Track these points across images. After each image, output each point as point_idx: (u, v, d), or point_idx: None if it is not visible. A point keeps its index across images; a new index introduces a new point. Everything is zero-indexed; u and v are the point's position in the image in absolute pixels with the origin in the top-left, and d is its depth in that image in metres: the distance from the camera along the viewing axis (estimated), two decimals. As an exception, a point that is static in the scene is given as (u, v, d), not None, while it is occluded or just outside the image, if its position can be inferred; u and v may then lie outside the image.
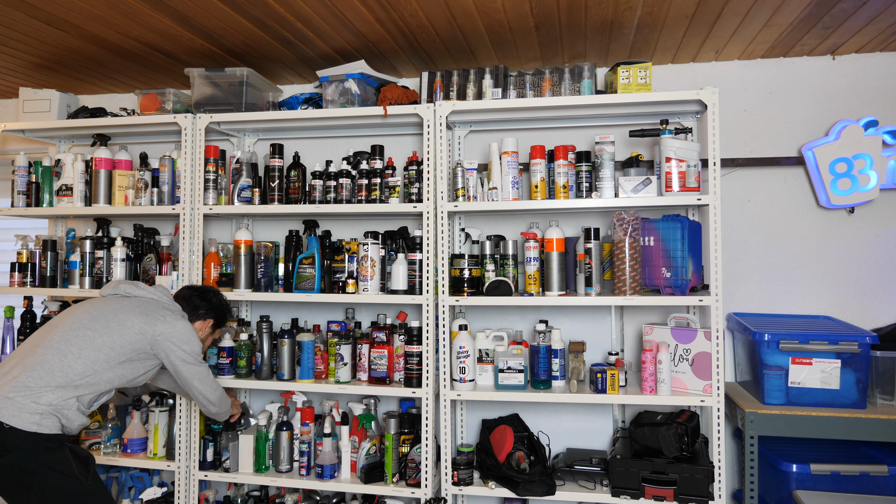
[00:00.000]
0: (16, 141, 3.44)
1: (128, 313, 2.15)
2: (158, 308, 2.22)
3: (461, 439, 2.80)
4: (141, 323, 2.13)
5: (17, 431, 1.89)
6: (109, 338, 2.08)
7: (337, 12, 2.31)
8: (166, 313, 2.20)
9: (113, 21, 2.41)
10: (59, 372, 1.99)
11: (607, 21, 2.38)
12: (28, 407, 1.91)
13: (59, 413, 1.96)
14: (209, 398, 2.28)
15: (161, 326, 2.15)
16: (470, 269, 2.50)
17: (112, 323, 2.11)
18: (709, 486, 2.25)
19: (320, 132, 3.00)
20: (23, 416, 1.90)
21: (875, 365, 2.38)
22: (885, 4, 2.22)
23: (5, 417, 1.89)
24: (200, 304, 2.35)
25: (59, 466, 1.93)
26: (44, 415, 1.93)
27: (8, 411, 1.90)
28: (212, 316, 2.38)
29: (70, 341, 2.04)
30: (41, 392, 1.94)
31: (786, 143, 2.73)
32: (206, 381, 2.26)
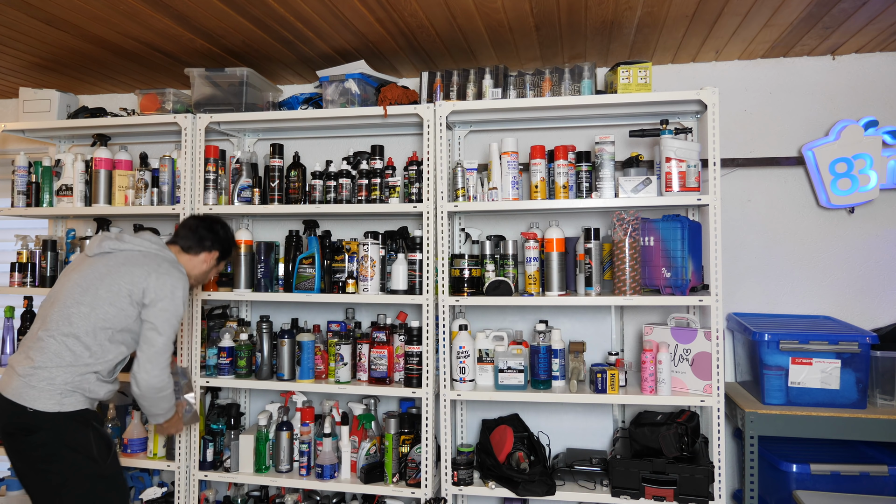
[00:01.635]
0: (16, 141, 3.44)
1: (116, 273, 2.09)
2: (148, 261, 2.13)
3: (461, 439, 2.80)
4: (129, 284, 2.08)
5: (40, 413, 1.94)
6: (103, 310, 2.04)
7: (337, 12, 2.31)
8: (156, 265, 2.13)
9: (113, 21, 2.41)
10: (65, 353, 2.00)
11: (607, 21, 2.38)
12: (46, 389, 1.96)
13: (79, 388, 1.99)
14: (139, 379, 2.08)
15: (151, 280, 2.09)
16: (470, 269, 2.50)
17: (101, 290, 2.06)
18: (709, 486, 2.25)
19: (320, 132, 3.00)
20: (43, 399, 1.95)
21: (875, 365, 2.38)
22: (885, 4, 2.22)
23: (27, 401, 1.95)
24: (206, 236, 2.31)
25: (80, 447, 1.97)
26: (63, 393, 1.97)
27: (30, 395, 1.95)
28: (217, 248, 2.34)
29: (69, 321, 2.03)
30: (54, 373, 1.97)
31: (786, 143, 2.73)
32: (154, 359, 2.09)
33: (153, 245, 2.21)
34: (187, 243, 2.30)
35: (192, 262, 2.31)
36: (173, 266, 2.18)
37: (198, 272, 2.34)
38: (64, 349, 2.00)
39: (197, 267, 2.32)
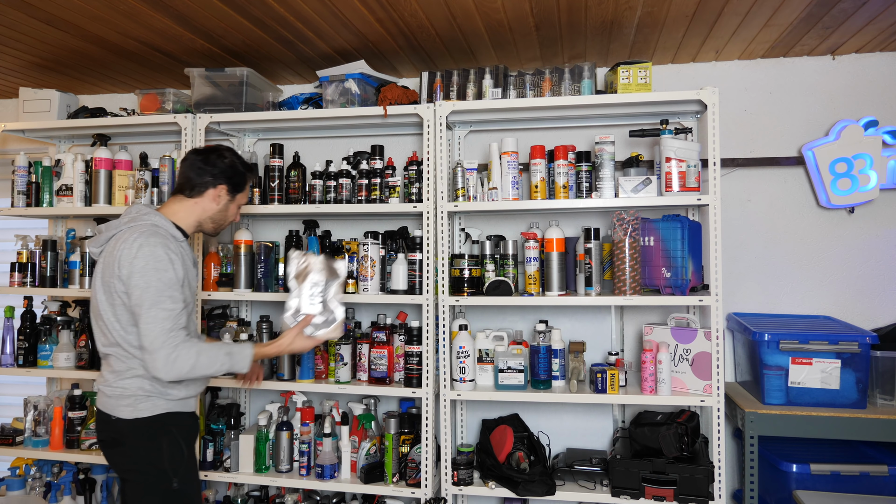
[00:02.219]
0: (16, 141, 3.44)
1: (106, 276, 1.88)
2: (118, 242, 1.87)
3: (461, 439, 2.80)
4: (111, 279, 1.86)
5: (122, 421, 1.88)
6: (117, 312, 1.87)
7: (337, 12, 2.31)
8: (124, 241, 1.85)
9: (113, 21, 2.41)
10: (117, 363, 1.91)
11: (607, 21, 2.38)
12: (120, 397, 1.89)
13: (153, 392, 1.89)
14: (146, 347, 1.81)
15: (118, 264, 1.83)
16: (470, 269, 2.50)
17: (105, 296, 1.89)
18: (709, 486, 2.25)
19: (320, 132, 3.00)
20: (121, 407, 1.89)
21: (875, 365, 2.38)
22: (885, 4, 2.22)
23: (110, 409, 1.90)
24: (205, 171, 2.01)
25: (151, 456, 1.89)
26: (137, 397, 1.88)
27: (111, 403, 1.90)
28: (222, 180, 2.03)
29: (105, 333, 1.91)
30: (124, 382, 1.89)
31: (786, 143, 2.73)
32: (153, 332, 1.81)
33: (123, 220, 1.95)
34: (188, 185, 2.02)
35: (199, 206, 2.03)
36: (136, 236, 1.85)
37: (211, 213, 2.05)
38: (115, 360, 1.91)
39: (208, 209, 2.04)
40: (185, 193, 2.03)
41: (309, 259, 2.03)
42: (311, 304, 2.03)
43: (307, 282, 2.00)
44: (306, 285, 2.01)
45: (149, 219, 1.92)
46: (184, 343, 1.83)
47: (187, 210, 2.02)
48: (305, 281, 2.00)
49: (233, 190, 2.08)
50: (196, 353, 1.84)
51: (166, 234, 1.92)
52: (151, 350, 1.81)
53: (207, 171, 2.02)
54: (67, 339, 2.83)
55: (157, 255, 1.83)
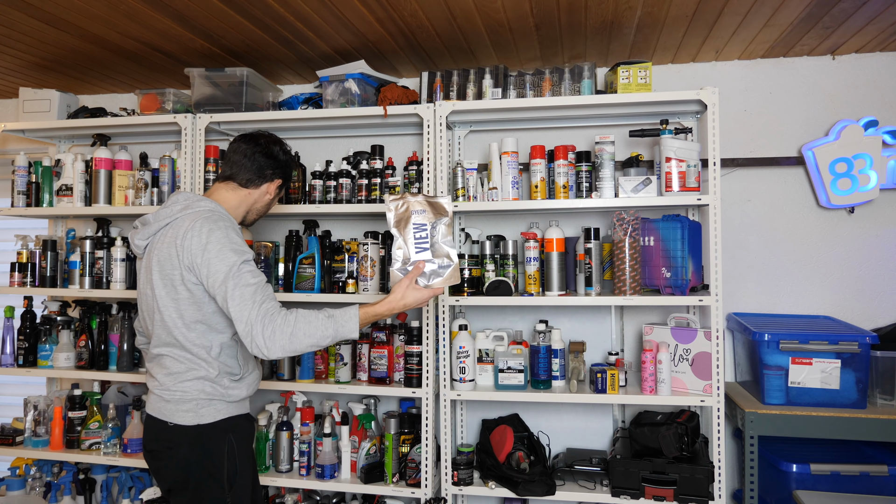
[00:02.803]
0: (16, 141, 3.44)
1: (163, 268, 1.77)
2: (177, 231, 1.76)
3: (461, 439, 2.80)
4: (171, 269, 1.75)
5: (180, 428, 1.75)
6: (178, 302, 1.76)
7: (337, 12, 2.31)
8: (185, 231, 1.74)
9: (113, 21, 2.41)
10: (174, 364, 1.78)
11: (607, 21, 2.38)
12: (180, 402, 1.76)
13: (215, 396, 1.77)
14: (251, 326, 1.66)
15: (185, 254, 1.73)
16: (470, 269, 2.50)
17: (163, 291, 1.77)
18: (709, 486, 2.25)
19: (320, 132, 3.00)
20: (180, 413, 1.76)
21: (875, 365, 2.38)
22: (885, 4, 2.22)
23: (167, 416, 1.77)
24: (266, 164, 1.92)
25: (211, 466, 1.76)
26: (198, 402, 1.76)
27: (168, 410, 1.77)
28: (279, 175, 1.97)
29: (166, 331, 1.79)
30: (183, 386, 1.77)
31: (786, 143, 2.73)
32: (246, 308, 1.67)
33: (174, 209, 1.83)
34: (246, 176, 1.92)
35: (252, 196, 1.95)
36: (206, 220, 1.76)
37: (261, 205, 1.99)
38: (174, 363, 1.78)
39: (259, 200, 1.97)
40: (239, 182, 1.92)
41: (408, 199, 1.83)
42: (420, 250, 1.80)
43: (409, 226, 1.79)
44: (410, 231, 1.80)
45: (205, 205, 1.82)
46: (279, 313, 1.68)
47: (239, 199, 1.93)
48: (408, 226, 1.80)
49: (284, 184, 2.03)
50: (293, 320, 1.68)
51: (228, 217, 1.83)
52: (249, 329, 1.66)
53: (269, 164, 1.94)
54: (67, 339, 2.83)
55: (230, 237, 1.74)
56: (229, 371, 1.81)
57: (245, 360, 1.88)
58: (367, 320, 1.78)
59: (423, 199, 1.84)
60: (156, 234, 1.83)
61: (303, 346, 1.69)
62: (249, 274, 1.71)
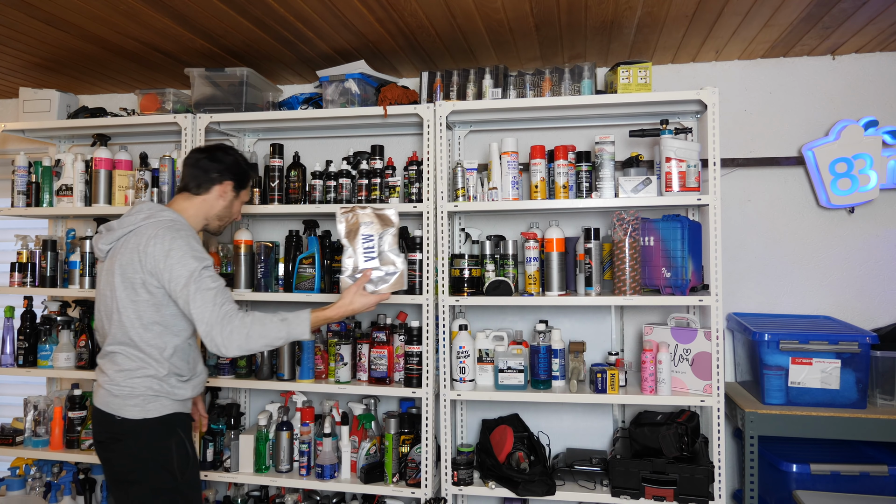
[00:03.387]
0: (16, 141, 3.44)
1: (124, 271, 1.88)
2: (140, 238, 1.88)
3: (461, 439, 2.80)
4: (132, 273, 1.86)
5: (128, 421, 1.86)
6: (136, 308, 1.87)
7: (337, 12, 2.31)
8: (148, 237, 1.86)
9: (113, 21, 2.41)
10: (126, 361, 1.88)
11: (607, 21, 2.38)
12: (128, 396, 1.87)
13: (162, 393, 1.89)
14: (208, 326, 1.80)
15: (151, 258, 1.84)
16: (470, 269, 2.50)
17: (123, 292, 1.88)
18: (709, 486, 2.25)
19: (320, 132, 3.00)
20: (128, 407, 1.86)
21: (875, 365, 2.38)
22: (885, 4, 2.22)
23: (115, 409, 1.87)
24: (211, 168, 2.03)
25: (159, 458, 1.87)
26: (146, 398, 1.87)
27: (116, 404, 1.87)
28: (229, 177, 2.06)
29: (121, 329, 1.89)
30: (132, 382, 1.87)
31: (786, 143, 2.73)
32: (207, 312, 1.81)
33: (137, 217, 1.94)
34: (194, 183, 2.03)
35: (206, 203, 2.05)
36: (164, 230, 1.88)
37: (218, 210, 2.07)
38: (125, 360, 1.88)
39: (214, 206, 2.06)
40: (191, 191, 2.04)
41: (357, 212, 1.95)
42: (368, 259, 1.93)
43: (359, 237, 1.93)
44: (359, 241, 1.93)
45: (167, 215, 1.95)
46: (236, 315, 1.82)
47: (196, 207, 2.04)
48: (357, 237, 1.93)
49: (238, 186, 2.10)
50: (249, 322, 1.83)
51: (188, 227, 1.96)
52: (209, 329, 1.80)
53: (214, 167, 2.04)
54: (67, 339, 2.83)
55: (191, 244, 1.88)
56: (178, 372, 1.94)
57: (194, 363, 2.01)
58: (317, 323, 1.92)
59: (372, 212, 1.96)
60: (119, 240, 1.95)
61: (258, 346, 1.84)
62: (210, 279, 1.85)
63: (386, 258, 1.94)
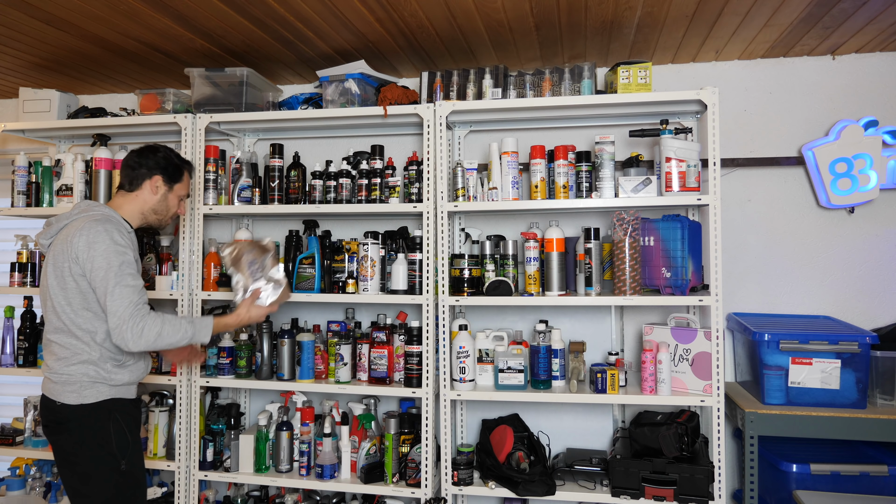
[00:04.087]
0: (16, 141, 3.44)
1: (56, 261, 2.01)
2: (69, 231, 2.01)
3: (461, 439, 2.80)
4: (63, 261, 1.99)
5: (66, 406, 1.98)
6: (65, 296, 1.99)
7: (337, 12, 2.31)
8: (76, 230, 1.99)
9: (113, 21, 2.41)
10: (61, 350, 2.02)
11: (607, 21, 2.38)
12: (66, 383, 1.99)
13: (98, 379, 2.00)
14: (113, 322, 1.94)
15: (73, 249, 1.97)
16: (470, 269, 2.50)
17: (54, 280, 2.00)
18: (709, 486, 2.25)
19: (320, 132, 3.00)
20: (66, 393, 1.99)
21: (875, 365, 2.38)
22: (885, 4, 2.22)
23: (55, 395, 2.00)
24: (138, 164, 2.16)
25: (99, 440, 1.98)
26: (83, 385, 1.99)
27: (56, 390, 2.00)
28: (157, 171, 2.16)
29: (56, 316, 2.02)
30: (69, 368, 2.00)
31: (786, 143, 2.73)
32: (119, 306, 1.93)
33: (73, 212, 2.09)
34: (127, 181, 2.17)
35: (140, 198, 2.16)
36: (91, 224, 1.99)
37: (152, 204, 2.18)
38: (59, 347, 2.02)
39: (148, 201, 2.17)
40: (125, 188, 2.19)
41: (239, 244, 2.26)
42: (255, 279, 2.25)
43: (243, 263, 2.23)
44: (244, 266, 2.24)
45: (99, 210, 2.09)
46: (149, 315, 1.98)
47: (130, 203, 2.17)
48: (242, 263, 2.23)
49: (169, 180, 2.22)
50: (161, 322, 1.98)
51: (119, 222, 2.08)
52: (120, 323, 1.93)
53: (143, 163, 2.17)
54: (67, 339, 2.82)
55: (115, 239, 1.99)
56: (112, 356, 2.04)
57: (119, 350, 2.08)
58: (218, 329, 2.15)
59: (250, 242, 2.29)
60: (56, 234, 2.09)
61: (164, 344, 2.00)
62: (130, 276, 1.99)
63: (270, 276, 2.26)
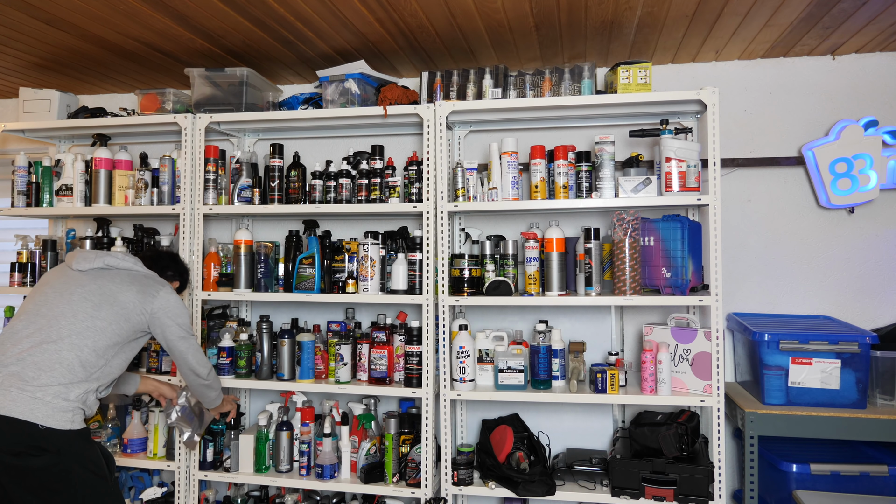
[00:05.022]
0: (16, 141, 3.44)
1: (124, 292, 2.10)
2: (149, 282, 2.18)
3: (461, 439, 2.80)
4: (139, 301, 2.11)
5: (53, 431, 1.84)
6: (118, 325, 2.06)
7: (337, 12, 2.31)
8: (158, 287, 2.18)
9: (113, 21, 2.41)
10: (79, 368, 1.94)
11: (607, 21, 2.38)
12: (59, 406, 1.87)
13: (84, 405, 1.96)
14: (201, 373, 2.29)
15: (158, 302, 2.14)
16: (470, 269, 2.50)
17: (115, 307, 2.07)
18: (709, 486, 2.25)
19: (320, 132, 3.00)
20: (57, 416, 1.86)
21: (875, 365, 2.38)
22: (885, 4, 2.22)
23: (39, 419, 1.83)
24: (169, 266, 2.40)
25: (92, 465, 1.92)
26: (74, 411, 1.91)
27: (41, 412, 1.84)
28: (178, 279, 2.43)
29: (82, 335, 1.97)
30: (69, 389, 1.90)
31: (786, 143, 2.73)
32: (199, 355, 2.28)
33: (142, 267, 2.25)
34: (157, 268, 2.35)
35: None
36: (159, 283, 2.22)
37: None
38: (77, 364, 1.94)
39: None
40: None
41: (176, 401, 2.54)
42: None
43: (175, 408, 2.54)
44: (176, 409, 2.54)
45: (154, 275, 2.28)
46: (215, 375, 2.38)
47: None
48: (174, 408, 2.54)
49: (180, 288, 2.47)
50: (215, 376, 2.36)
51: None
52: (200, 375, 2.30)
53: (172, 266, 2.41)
54: (67, 339, 2.82)
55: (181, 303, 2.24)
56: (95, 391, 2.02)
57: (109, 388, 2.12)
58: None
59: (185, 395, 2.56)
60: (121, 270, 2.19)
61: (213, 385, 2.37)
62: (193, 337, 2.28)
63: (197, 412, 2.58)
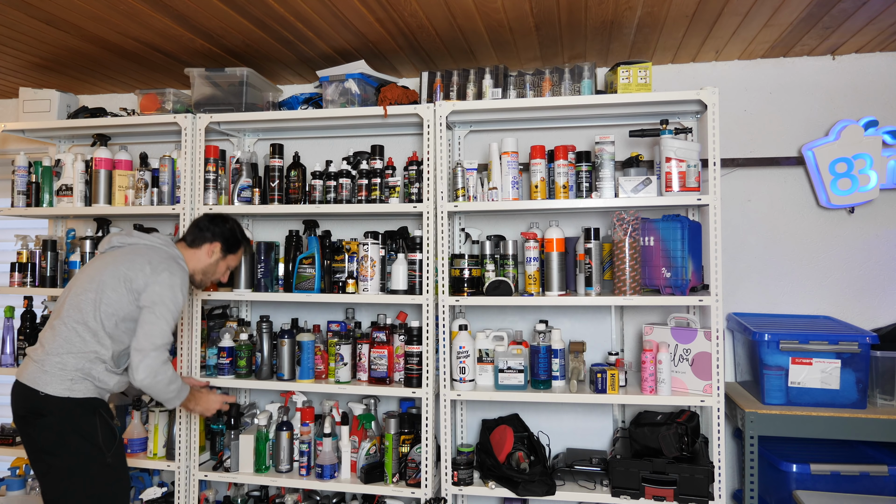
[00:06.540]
0: (16, 141, 3.44)
1: (117, 263, 2.14)
2: (151, 251, 2.20)
3: (461, 439, 2.80)
4: (127, 270, 2.12)
5: (51, 398, 2.01)
6: (106, 296, 2.09)
7: (337, 12, 2.31)
8: (159, 262, 2.16)
9: (113, 21, 2.41)
10: (75, 339, 2.06)
11: (607, 21, 2.38)
12: (57, 374, 2.03)
13: (89, 376, 2.06)
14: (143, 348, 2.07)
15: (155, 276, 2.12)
16: (470, 269, 2.50)
17: (104, 277, 2.11)
18: (709, 486, 2.25)
19: (320, 132, 3.00)
20: (55, 384, 2.02)
21: (875, 365, 2.38)
22: (885, 4, 2.22)
23: (40, 385, 2.02)
24: (207, 227, 2.36)
25: (86, 434, 2.03)
26: (74, 380, 2.04)
27: (42, 380, 2.03)
28: (218, 239, 2.37)
29: (78, 308, 2.08)
30: (65, 359, 2.04)
31: (786, 143, 2.73)
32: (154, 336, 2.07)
33: (158, 240, 2.27)
34: (190, 237, 2.36)
35: (196, 256, 2.35)
36: (173, 260, 2.22)
37: (204, 265, 2.36)
38: (73, 335, 2.06)
39: (202, 260, 2.35)
40: (186, 241, 2.37)
41: None
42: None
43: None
44: None
45: (174, 251, 2.28)
46: (167, 364, 2.13)
47: (188, 257, 2.34)
48: None
49: (226, 250, 2.39)
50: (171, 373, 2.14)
51: (185, 271, 2.26)
52: (148, 349, 2.06)
53: (209, 227, 2.36)
54: (67, 339, 2.82)
55: (183, 288, 2.18)
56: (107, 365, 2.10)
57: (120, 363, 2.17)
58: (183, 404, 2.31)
59: None
60: (129, 245, 2.24)
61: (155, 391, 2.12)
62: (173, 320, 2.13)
63: None
